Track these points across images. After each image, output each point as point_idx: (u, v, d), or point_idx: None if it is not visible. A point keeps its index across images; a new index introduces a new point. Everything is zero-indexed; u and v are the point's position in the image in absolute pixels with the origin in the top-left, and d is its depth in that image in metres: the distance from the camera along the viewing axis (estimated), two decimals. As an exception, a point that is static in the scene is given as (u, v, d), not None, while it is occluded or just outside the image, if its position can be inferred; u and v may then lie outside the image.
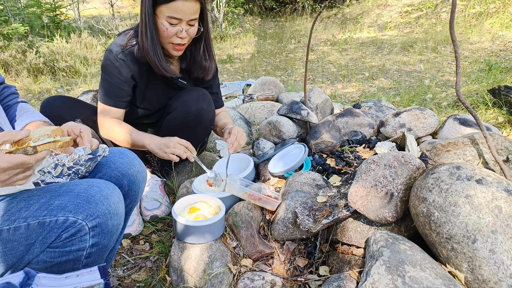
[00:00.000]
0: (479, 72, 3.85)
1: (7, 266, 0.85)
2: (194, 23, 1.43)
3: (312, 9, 10.51)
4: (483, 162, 1.14)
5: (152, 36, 1.42)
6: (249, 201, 1.39)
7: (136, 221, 1.54)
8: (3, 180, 0.76)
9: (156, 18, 1.40)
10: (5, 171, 0.74)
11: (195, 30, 1.45)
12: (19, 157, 0.75)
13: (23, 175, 0.79)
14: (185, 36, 1.43)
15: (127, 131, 1.52)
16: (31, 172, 0.81)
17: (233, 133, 1.56)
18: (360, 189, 1.13)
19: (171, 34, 1.41)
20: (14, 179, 0.78)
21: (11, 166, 0.74)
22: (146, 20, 1.40)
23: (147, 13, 1.39)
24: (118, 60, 1.49)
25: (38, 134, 0.81)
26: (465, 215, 0.90)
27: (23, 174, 0.79)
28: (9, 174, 0.75)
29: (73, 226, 0.82)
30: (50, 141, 0.82)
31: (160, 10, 1.38)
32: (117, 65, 1.49)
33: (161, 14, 1.38)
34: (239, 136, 1.56)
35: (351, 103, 3.29)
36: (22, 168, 0.77)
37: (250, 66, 5.65)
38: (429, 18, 7.34)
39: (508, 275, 0.83)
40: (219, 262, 1.19)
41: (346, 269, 1.10)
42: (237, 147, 1.54)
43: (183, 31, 1.40)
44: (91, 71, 5.20)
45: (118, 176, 1.05)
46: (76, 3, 8.25)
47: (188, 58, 1.63)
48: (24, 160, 0.76)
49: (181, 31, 1.40)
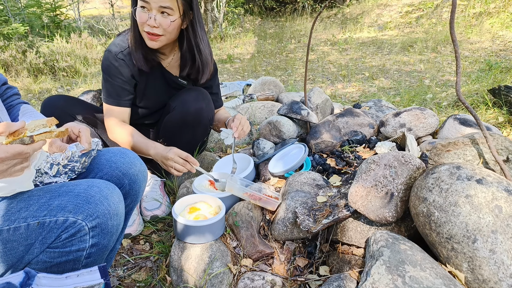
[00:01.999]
0: (479, 72, 3.84)
1: (7, 266, 0.85)
2: (167, 12, 1.39)
3: (312, 9, 10.51)
4: (483, 162, 1.14)
5: (135, 26, 1.45)
6: (249, 201, 1.39)
7: (136, 221, 1.54)
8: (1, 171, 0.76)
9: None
10: (3, 161, 0.74)
11: (166, 21, 1.39)
12: (17, 147, 0.75)
13: (21, 166, 0.79)
14: (153, 24, 1.39)
15: (132, 135, 1.52)
16: (28, 163, 0.81)
17: (237, 118, 1.56)
18: (360, 189, 1.13)
19: (140, 20, 1.40)
20: (12, 170, 0.78)
21: (9, 156, 0.74)
22: (132, 14, 1.43)
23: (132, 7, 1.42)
24: (118, 60, 1.49)
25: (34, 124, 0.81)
26: (465, 215, 0.90)
27: (21, 165, 0.79)
28: (7, 164, 0.75)
29: (73, 226, 0.82)
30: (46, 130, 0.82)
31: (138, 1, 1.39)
32: (117, 65, 1.50)
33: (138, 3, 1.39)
34: (243, 122, 1.57)
35: (351, 103, 3.29)
36: (19, 158, 0.77)
37: (250, 66, 5.65)
38: (429, 18, 7.34)
39: (508, 275, 0.83)
40: (219, 262, 1.19)
41: (346, 269, 1.10)
42: (241, 132, 1.54)
43: (152, 18, 1.38)
44: (91, 71, 5.20)
45: (119, 176, 1.06)
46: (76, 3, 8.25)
47: (184, 59, 1.62)
48: (21, 150, 0.76)
49: (149, 18, 1.38)
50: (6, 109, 1.12)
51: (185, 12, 1.44)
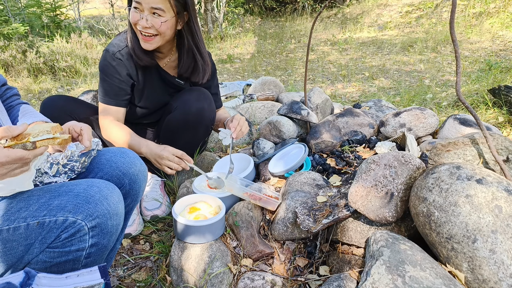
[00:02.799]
0: (479, 72, 3.84)
1: (7, 266, 0.85)
2: (159, 14, 1.39)
3: (312, 9, 10.51)
4: (483, 162, 1.14)
5: (131, 25, 1.46)
6: (249, 201, 1.39)
7: (136, 221, 1.54)
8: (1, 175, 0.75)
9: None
10: (3, 165, 0.74)
11: (157, 22, 1.39)
12: (18, 152, 0.75)
13: (20, 170, 0.79)
14: (145, 25, 1.39)
15: (126, 134, 1.51)
16: (28, 167, 0.81)
17: (235, 119, 1.56)
18: (360, 189, 1.13)
19: (133, 19, 1.41)
20: (12, 173, 0.78)
21: (10, 160, 0.74)
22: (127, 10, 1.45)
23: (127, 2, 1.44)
24: (115, 59, 1.49)
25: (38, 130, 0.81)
26: (465, 215, 0.90)
27: (21, 169, 0.79)
28: (7, 168, 0.75)
29: (73, 226, 0.82)
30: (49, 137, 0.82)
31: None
32: (114, 64, 1.50)
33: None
34: (241, 122, 1.57)
35: (351, 103, 3.29)
36: (20, 163, 0.77)
37: (250, 66, 5.65)
38: (429, 18, 7.34)
39: (508, 275, 0.83)
40: (219, 262, 1.19)
41: (346, 269, 1.10)
42: (239, 132, 1.54)
43: (143, 18, 1.38)
44: (91, 71, 5.20)
45: (119, 175, 1.06)
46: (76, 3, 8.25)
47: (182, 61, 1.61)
48: (22, 155, 0.76)
49: (141, 18, 1.39)
50: (6, 109, 1.12)
51: (179, 13, 1.44)
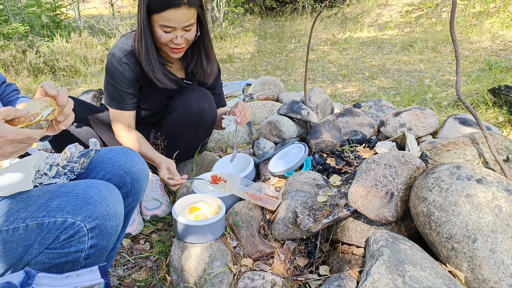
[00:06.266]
0: (479, 71, 3.84)
1: (6, 267, 0.84)
2: (190, 28, 1.41)
3: (312, 9, 10.50)
4: (483, 162, 1.14)
5: (146, 46, 1.42)
6: (249, 200, 1.39)
7: (136, 220, 1.54)
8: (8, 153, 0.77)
9: (151, 25, 1.40)
10: (12, 142, 0.75)
11: (192, 35, 1.43)
12: (27, 131, 0.77)
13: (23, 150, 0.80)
14: (180, 42, 1.41)
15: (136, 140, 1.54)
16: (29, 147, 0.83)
17: (240, 104, 1.56)
18: (360, 189, 1.13)
19: (165, 41, 1.40)
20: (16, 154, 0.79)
21: (19, 138, 0.76)
22: (141, 28, 1.40)
23: (142, 22, 1.38)
24: (122, 64, 1.49)
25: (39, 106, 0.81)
26: (465, 215, 0.90)
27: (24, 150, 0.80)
28: (14, 147, 0.77)
29: (72, 227, 0.82)
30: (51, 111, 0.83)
31: (154, 19, 1.37)
32: (121, 69, 1.49)
33: (155, 22, 1.38)
34: (245, 109, 1.57)
35: (351, 103, 3.29)
36: (27, 143, 0.79)
37: (250, 65, 5.65)
38: (430, 18, 7.33)
39: (508, 275, 0.83)
40: (220, 261, 1.19)
41: (346, 268, 1.10)
42: (243, 118, 1.54)
43: (177, 37, 1.39)
44: (91, 70, 5.20)
45: (121, 174, 1.05)
46: (76, 2, 8.25)
47: (189, 60, 1.62)
48: (31, 135, 0.77)
49: (176, 37, 1.39)
50: (5, 104, 1.12)
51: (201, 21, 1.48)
